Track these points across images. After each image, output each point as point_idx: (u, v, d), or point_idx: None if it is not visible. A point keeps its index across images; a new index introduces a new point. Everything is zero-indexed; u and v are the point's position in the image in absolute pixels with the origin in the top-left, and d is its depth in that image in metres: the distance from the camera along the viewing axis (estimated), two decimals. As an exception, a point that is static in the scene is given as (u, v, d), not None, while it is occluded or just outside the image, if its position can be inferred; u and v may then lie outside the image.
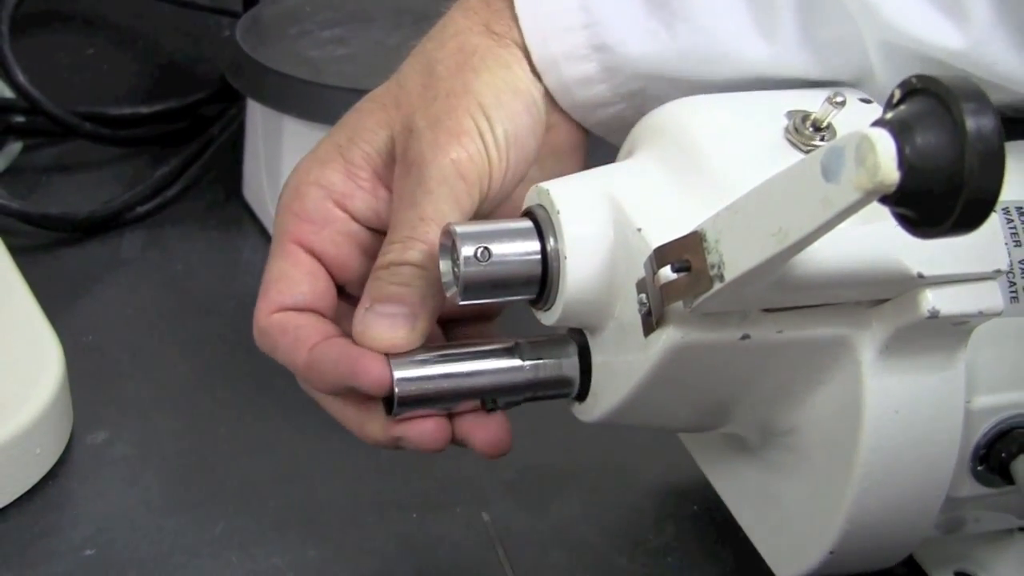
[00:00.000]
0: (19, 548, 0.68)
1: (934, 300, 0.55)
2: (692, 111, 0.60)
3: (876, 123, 0.46)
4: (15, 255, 0.82)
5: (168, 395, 0.79)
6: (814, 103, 0.58)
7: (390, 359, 0.59)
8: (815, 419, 0.60)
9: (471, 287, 0.58)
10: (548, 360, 0.61)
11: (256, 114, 0.94)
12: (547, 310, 0.59)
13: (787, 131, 0.58)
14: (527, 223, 0.59)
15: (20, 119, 1.01)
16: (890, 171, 0.45)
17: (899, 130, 0.45)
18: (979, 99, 0.45)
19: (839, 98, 0.57)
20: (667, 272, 0.53)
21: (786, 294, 0.55)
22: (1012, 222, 0.60)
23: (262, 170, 0.94)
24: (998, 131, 0.45)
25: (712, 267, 0.51)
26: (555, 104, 0.64)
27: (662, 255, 0.53)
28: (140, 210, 0.95)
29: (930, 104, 0.46)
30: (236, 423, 0.77)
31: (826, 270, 0.54)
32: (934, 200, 0.46)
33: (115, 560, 0.68)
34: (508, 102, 0.61)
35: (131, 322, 0.86)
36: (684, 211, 0.55)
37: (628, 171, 0.60)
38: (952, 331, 0.57)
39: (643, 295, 0.54)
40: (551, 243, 0.58)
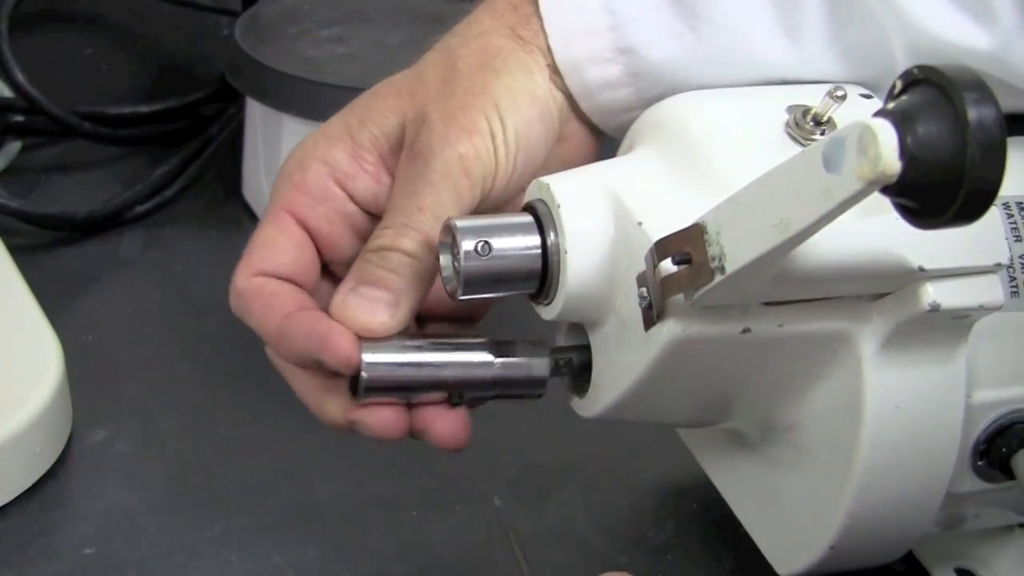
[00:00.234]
0: (19, 547, 0.68)
1: (935, 294, 0.55)
2: (693, 105, 0.60)
3: (878, 113, 0.46)
4: (15, 255, 0.82)
5: (168, 394, 0.79)
6: (814, 97, 0.58)
7: (362, 341, 0.59)
8: (815, 414, 0.60)
9: (472, 281, 0.58)
10: (518, 359, 0.61)
11: (255, 113, 0.94)
12: (548, 304, 0.59)
13: (788, 125, 0.58)
14: (527, 217, 0.58)
15: (19, 118, 1.01)
16: (892, 161, 0.45)
17: (901, 120, 0.45)
18: (981, 89, 0.45)
19: (839, 92, 0.57)
20: (668, 265, 0.53)
21: (787, 287, 0.55)
22: (1012, 217, 0.61)
23: (261, 169, 0.94)
24: (1000, 122, 0.45)
25: (713, 259, 0.51)
26: (572, 114, 0.64)
27: (663, 248, 0.53)
28: (139, 209, 0.95)
29: (932, 94, 0.46)
30: (236, 422, 0.77)
31: (827, 263, 0.54)
32: (935, 190, 0.46)
33: (115, 559, 0.68)
34: (524, 107, 0.61)
35: (130, 321, 0.86)
36: (685, 205, 0.55)
37: (629, 165, 0.60)
38: (953, 325, 0.57)
39: (644, 288, 0.54)
40: (551, 237, 0.58)
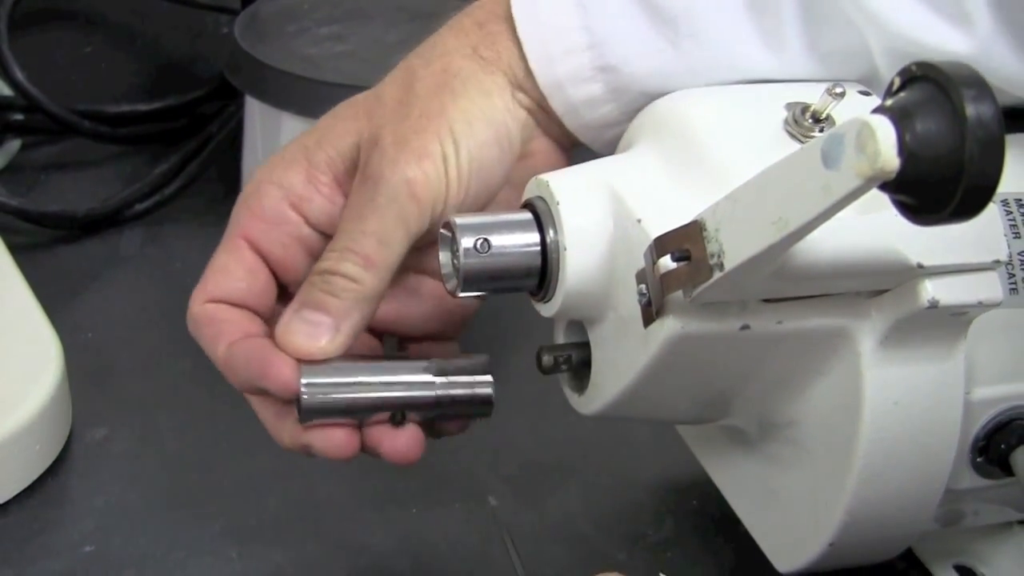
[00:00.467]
0: (19, 544, 0.68)
1: (933, 290, 0.55)
2: (692, 103, 0.60)
3: (876, 110, 0.46)
4: (14, 253, 0.82)
5: (167, 392, 0.79)
6: (813, 95, 0.58)
7: (302, 365, 0.59)
8: (814, 411, 0.60)
9: (471, 278, 0.58)
10: (461, 379, 0.61)
11: (255, 111, 0.94)
12: (547, 301, 0.59)
13: (786, 123, 0.58)
14: (527, 215, 0.59)
15: (19, 117, 1.01)
16: (890, 158, 0.45)
17: (899, 117, 0.45)
18: (979, 86, 0.45)
19: (838, 89, 0.57)
20: (667, 262, 0.53)
21: (786, 284, 0.55)
22: (1011, 214, 0.61)
23: (261, 167, 0.94)
24: (998, 118, 0.45)
25: (712, 256, 0.51)
26: (539, 131, 0.64)
27: (662, 245, 0.53)
28: (139, 207, 0.95)
29: (930, 91, 0.46)
30: (235, 420, 0.77)
31: (826, 260, 0.54)
32: (934, 187, 0.46)
33: (114, 556, 0.68)
34: (480, 130, 0.61)
35: (130, 319, 0.86)
36: (684, 202, 0.55)
37: (627, 163, 0.60)
38: (951, 322, 0.57)
39: (643, 285, 0.54)
40: (551, 234, 0.58)
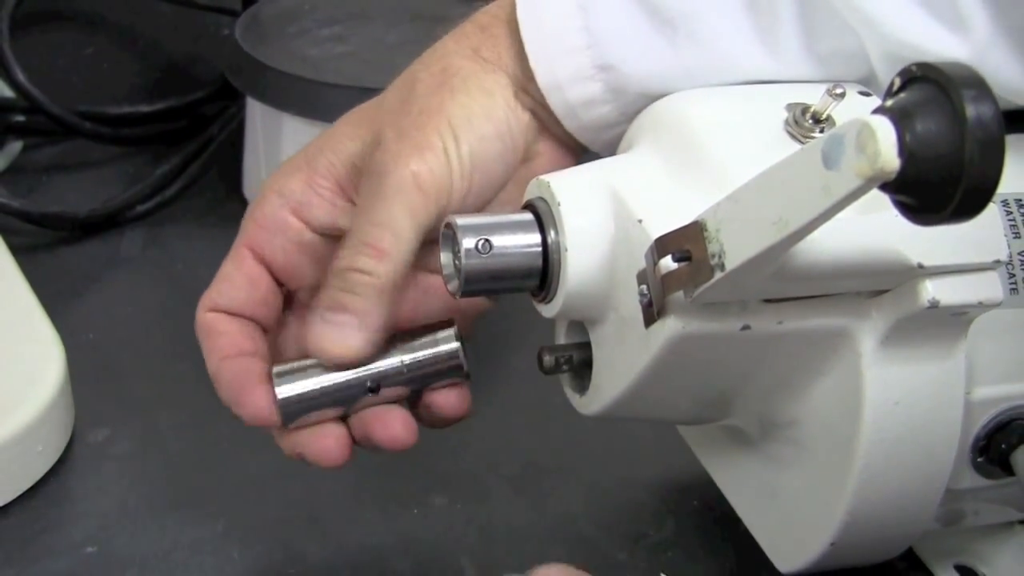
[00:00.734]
0: (21, 545, 0.68)
1: (934, 290, 0.56)
2: (692, 103, 0.60)
3: (876, 111, 0.46)
4: (16, 254, 0.82)
5: (169, 392, 0.80)
6: (813, 95, 0.58)
7: (274, 374, 0.61)
8: (815, 411, 0.60)
9: (472, 279, 0.58)
10: (426, 342, 0.62)
11: (255, 112, 0.94)
12: (548, 302, 0.59)
13: (787, 123, 0.58)
14: (528, 215, 0.59)
15: (20, 118, 1.01)
16: (891, 158, 0.45)
17: (899, 117, 0.45)
18: (979, 86, 0.45)
19: (838, 90, 0.57)
20: (668, 262, 0.53)
21: (786, 284, 0.55)
22: (1011, 214, 0.61)
23: (262, 168, 0.94)
24: (998, 118, 0.45)
25: (713, 256, 0.51)
26: (543, 133, 0.64)
27: (663, 245, 0.53)
28: (140, 209, 0.95)
29: (930, 91, 0.46)
30: (236, 420, 0.77)
31: (826, 260, 0.54)
32: (934, 187, 0.46)
33: (116, 557, 0.68)
34: (480, 125, 0.62)
35: (132, 320, 0.86)
36: (684, 203, 0.55)
37: (628, 163, 0.60)
38: (952, 322, 0.57)
39: (644, 286, 0.55)
40: (552, 235, 0.58)
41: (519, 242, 0.58)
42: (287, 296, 0.66)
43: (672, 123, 0.59)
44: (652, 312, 0.55)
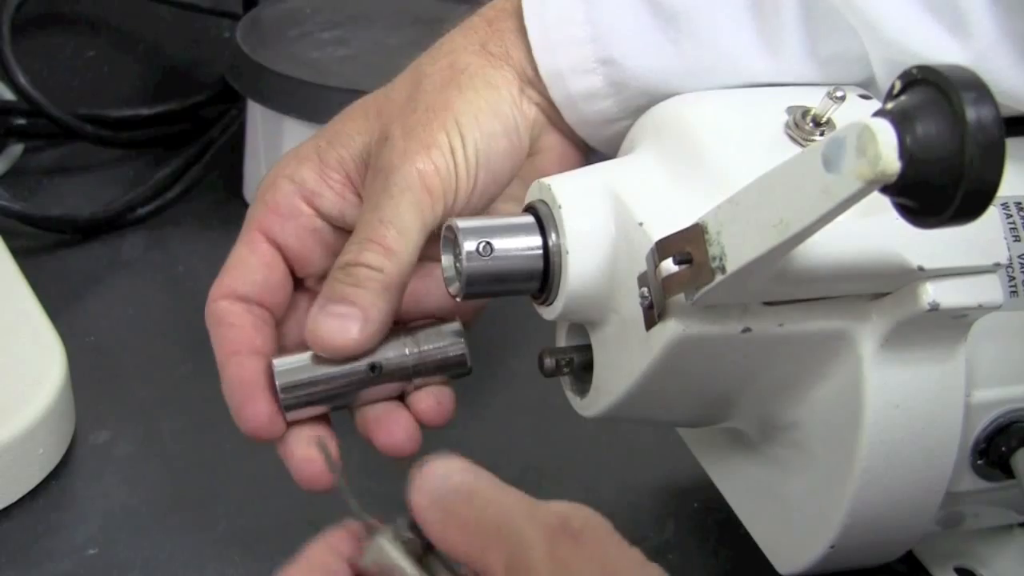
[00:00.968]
0: (22, 547, 0.68)
1: (934, 293, 0.56)
2: (693, 107, 0.60)
3: (877, 113, 0.46)
4: (17, 257, 0.82)
5: (170, 395, 0.80)
6: (814, 98, 0.58)
7: (275, 364, 0.61)
8: (816, 413, 0.60)
9: (473, 281, 0.58)
10: (432, 335, 0.62)
11: (256, 115, 0.94)
12: (549, 305, 0.59)
13: (787, 126, 0.58)
14: (529, 218, 0.59)
15: (21, 121, 1.01)
16: (891, 161, 0.45)
17: (900, 120, 0.45)
18: (979, 89, 0.45)
19: (839, 93, 0.57)
20: (669, 265, 0.53)
21: (787, 287, 0.55)
22: (1011, 217, 0.61)
23: (262, 171, 0.94)
24: (998, 121, 0.45)
25: (714, 259, 0.51)
26: (550, 127, 0.64)
27: (664, 248, 0.53)
28: (141, 211, 0.95)
29: (930, 94, 0.46)
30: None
31: (827, 263, 0.54)
32: (934, 190, 0.46)
33: (118, 559, 0.68)
34: (486, 123, 0.62)
35: (133, 323, 0.86)
36: (685, 205, 0.55)
37: (629, 166, 0.60)
38: (952, 324, 0.57)
39: (645, 288, 0.55)
40: (553, 238, 0.58)
41: (520, 245, 0.58)
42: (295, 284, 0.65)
43: (673, 126, 0.60)
44: (653, 314, 0.55)
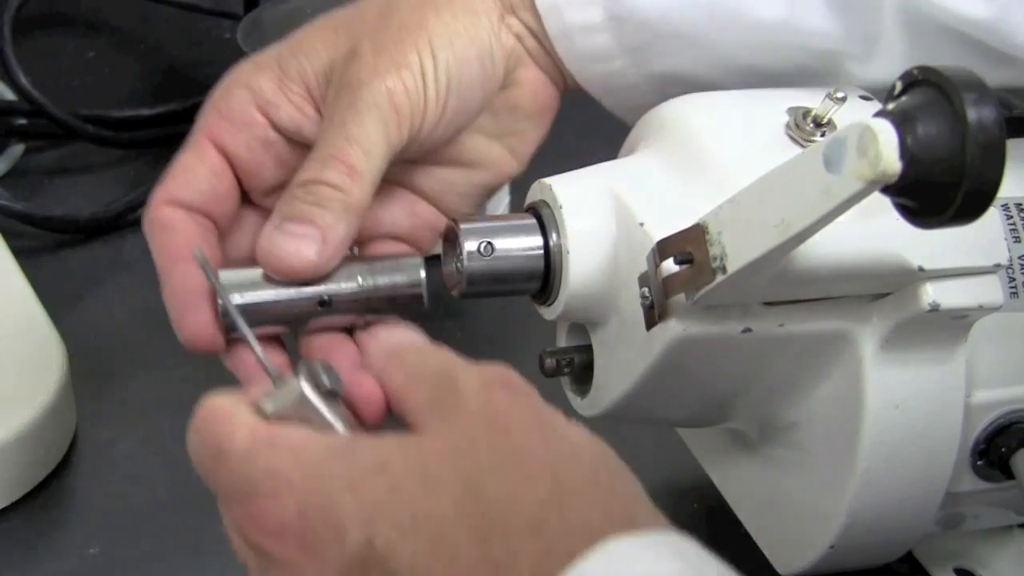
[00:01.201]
0: (24, 546, 0.68)
1: (935, 294, 0.56)
2: (694, 107, 0.60)
3: (878, 114, 0.46)
4: (18, 257, 0.82)
5: (171, 394, 0.79)
6: (815, 100, 0.58)
7: (220, 279, 0.56)
8: (816, 413, 0.60)
9: (475, 281, 0.58)
10: (387, 265, 0.58)
11: (257, 116, 0.94)
12: (550, 305, 0.59)
13: (788, 127, 0.58)
14: (530, 219, 0.59)
15: (22, 121, 1.01)
16: (892, 162, 0.45)
17: (901, 121, 0.45)
18: (980, 90, 0.45)
19: (840, 94, 0.57)
20: (669, 265, 0.53)
21: (788, 287, 0.55)
22: (1011, 218, 0.61)
23: (264, 172, 0.94)
24: (999, 122, 0.45)
25: (714, 259, 0.52)
26: (529, 59, 0.63)
27: (665, 248, 0.53)
28: (142, 212, 0.95)
29: (931, 95, 0.46)
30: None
31: (827, 263, 0.54)
32: (935, 190, 0.46)
33: (119, 558, 0.68)
34: (461, 47, 0.60)
35: (133, 322, 0.86)
36: (686, 206, 0.55)
37: (630, 166, 0.60)
38: (952, 325, 0.57)
39: (646, 288, 0.55)
40: (554, 238, 0.58)
41: (521, 245, 0.58)
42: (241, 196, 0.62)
43: (674, 126, 0.60)
44: (654, 314, 0.55)
